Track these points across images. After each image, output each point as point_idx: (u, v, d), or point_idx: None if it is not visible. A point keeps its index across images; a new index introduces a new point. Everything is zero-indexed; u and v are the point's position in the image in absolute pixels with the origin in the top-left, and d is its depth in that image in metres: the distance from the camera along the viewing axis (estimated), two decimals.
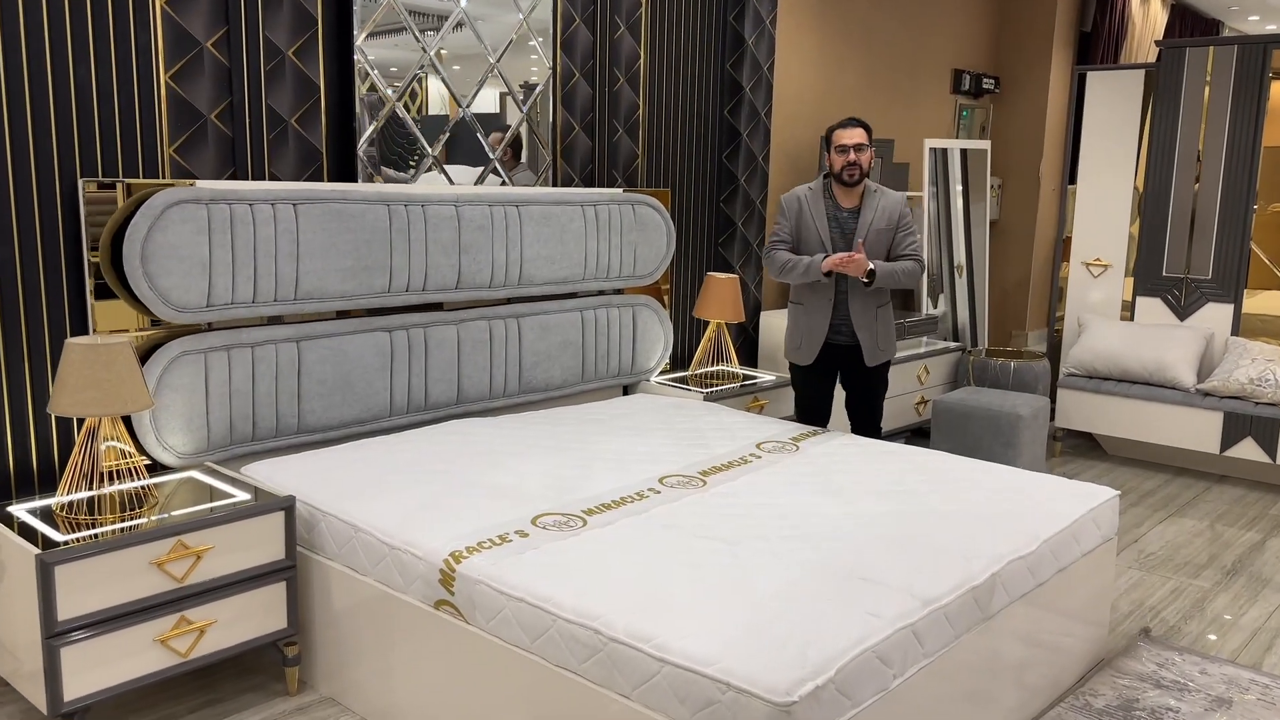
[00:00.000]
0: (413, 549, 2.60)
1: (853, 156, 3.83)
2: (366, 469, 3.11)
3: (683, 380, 4.62)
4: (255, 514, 2.75)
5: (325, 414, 3.42)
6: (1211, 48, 5.42)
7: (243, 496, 2.83)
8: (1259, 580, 4.01)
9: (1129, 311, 5.80)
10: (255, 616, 2.79)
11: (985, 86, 7.03)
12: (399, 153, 3.71)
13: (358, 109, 3.50)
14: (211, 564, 2.67)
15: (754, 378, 4.72)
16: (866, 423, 4.16)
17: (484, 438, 3.50)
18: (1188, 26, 8.63)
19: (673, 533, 2.69)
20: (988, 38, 7.19)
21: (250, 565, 2.76)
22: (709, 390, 4.42)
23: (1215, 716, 2.93)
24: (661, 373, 4.68)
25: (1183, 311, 5.60)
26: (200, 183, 3.09)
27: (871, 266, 3.80)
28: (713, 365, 4.84)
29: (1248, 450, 5.12)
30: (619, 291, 4.49)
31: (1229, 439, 5.15)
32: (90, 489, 2.69)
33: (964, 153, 6.52)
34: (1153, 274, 5.68)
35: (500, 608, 2.37)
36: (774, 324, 5.32)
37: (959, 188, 6.50)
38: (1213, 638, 3.49)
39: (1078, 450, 5.89)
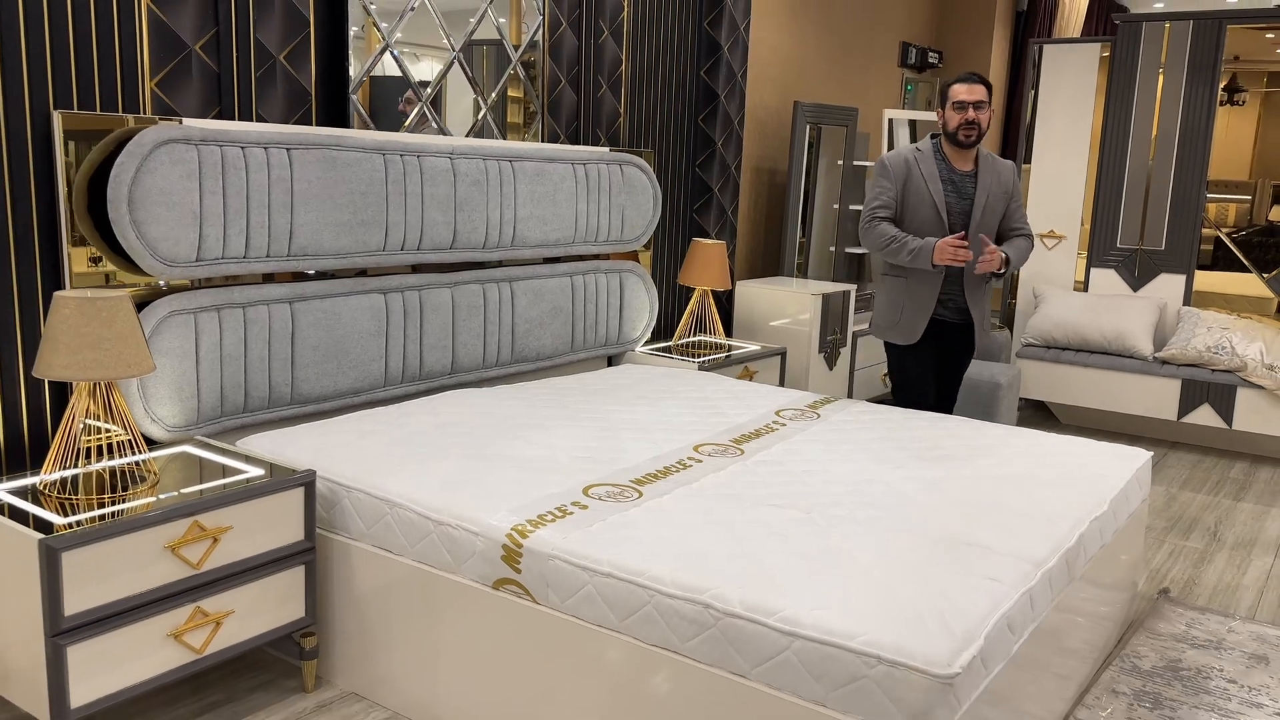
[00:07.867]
0: (466, 524, 2.34)
1: (971, 115, 3.54)
2: (380, 441, 2.82)
3: (666, 350, 4.43)
4: (273, 490, 2.44)
5: (319, 383, 3.10)
6: (1167, 23, 5.51)
7: (255, 472, 2.51)
8: (1246, 542, 4.08)
9: (1084, 283, 5.87)
10: (272, 606, 2.49)
11: (930, 60, 7.04)
12: (385, 101, 3.40)
13: (350, 47, 3.18)
14: (229, 547, 2.36)
15: (739, 347, 4.57)
16: (949, 395, 3.93)
17: (490, 409, 3.24)
18: (1104, 9, 8.85)
19: (737, 501, 2.51)
20: (933, 11, 7.20)
21: (269, 548, 2.45)
22: (702, 360, 4.25)
23: (1259, 672, 2.93)
24: (645, 343, 4.47)
25: (1136, 282, 5.70)
26: (186, 121, 2.74)
27: (1004, 255, 3.54)
28: (693, 336, 4.66)
29: (1204, 416, 5.24)
30: (605, 257, 4.26)
31: (1186, 405, 5.27)
32: (75, 466, 2.34)
33: (912, 124, 6.50)
34: (1107, 245, 5.77)
35: (581, 584, 2.15)
36: (752, 294, 5.18)
37: None
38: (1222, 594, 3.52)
39: (1033, 420, 5.95)
